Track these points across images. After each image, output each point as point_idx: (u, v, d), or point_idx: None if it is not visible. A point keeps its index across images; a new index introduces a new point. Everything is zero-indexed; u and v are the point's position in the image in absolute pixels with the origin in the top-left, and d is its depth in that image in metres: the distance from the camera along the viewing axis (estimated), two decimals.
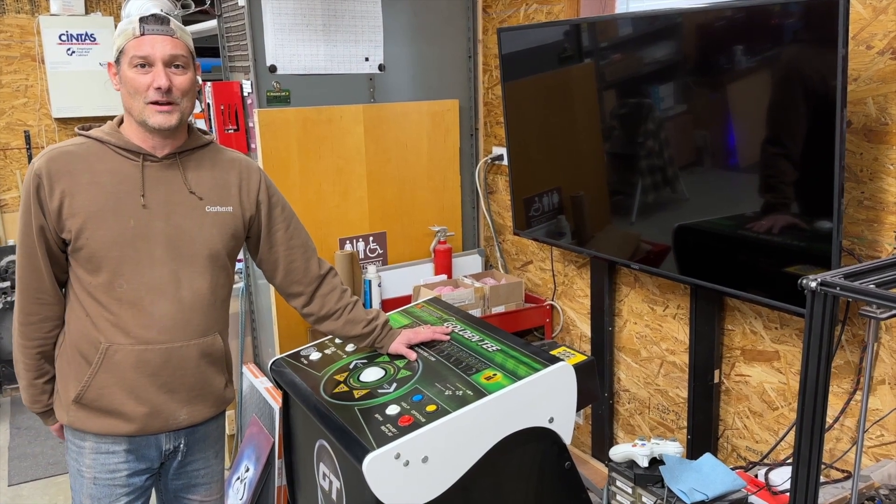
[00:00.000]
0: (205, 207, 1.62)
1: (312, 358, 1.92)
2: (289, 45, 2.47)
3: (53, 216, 1.52)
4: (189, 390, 1.65)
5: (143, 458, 1.66)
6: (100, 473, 1.64)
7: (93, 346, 1.58)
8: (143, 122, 1.54)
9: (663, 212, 2.01)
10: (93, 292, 1.57)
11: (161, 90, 1.51)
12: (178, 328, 1.61)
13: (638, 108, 2.01)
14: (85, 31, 4.11)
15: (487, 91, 2.85)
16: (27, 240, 1.57)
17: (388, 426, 1.52)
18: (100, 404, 1.60)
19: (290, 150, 2.52)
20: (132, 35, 1.53)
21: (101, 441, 1.62)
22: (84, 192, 1.52)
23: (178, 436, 1.69)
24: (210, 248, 1.63)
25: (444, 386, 1.63)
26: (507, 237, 2.88)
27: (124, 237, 1.55)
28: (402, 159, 2.74)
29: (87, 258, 1.55)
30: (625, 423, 2.45)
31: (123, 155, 1.57)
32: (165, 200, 1.58)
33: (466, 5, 2.79)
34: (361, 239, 2.73)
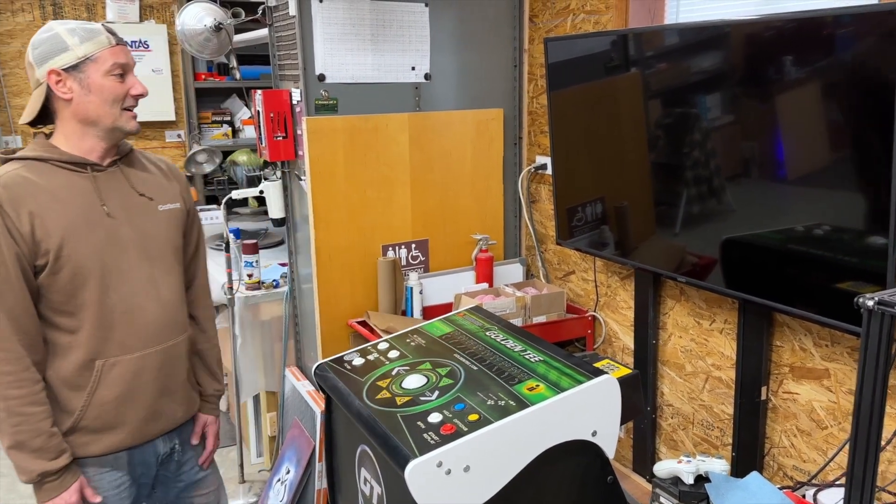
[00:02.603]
0: (157, 207, 1.68)
1: (355, 363, 1.94)
2: (337, 54, 2.50)
3: (27, 241, 1.49)
4: (182, 387, 1.73)
5: (143, 464, 1.70)
6: (108, 492, 1.65)
7: (84, 368, 1.57)
8: (116, 128, 1.58)
9: (710, 224, 1.98)
10: (76, 313, 1.55)
11: (141, 96, 1.59)
12: (167, 328, 1.66)
13: (686, 119, 1.99)
14: (139, 39, 4.23)
15: (532, 100, 2.85)
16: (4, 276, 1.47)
17: (430, 434, 1.53)
18: (99, 423, 1.61)
19: (337, 157, 2.55)
20: (108, 43, 1.56)
21: (103, 461, 1.63)
22: (51, 211, 1.51)
23: (173, 437, 1.75)
24: (172, 244, 1.71)
25: (487, 395, 1.63)
26: (548, 247, 2.87)
27: (101, 248, 1.56)
28: (446, 167, 2.75)
29: (70, 277, 1.53)
30: (667, 438, 2.42)
31: (70, 169, 1.57)
32: (123, 206, 1.62)
33: (513, 14, 2.79)
34: (404, 246, 2.75)
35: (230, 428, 3.52)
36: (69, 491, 1.56)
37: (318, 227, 2.58)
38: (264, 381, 3.04)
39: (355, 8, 2.50)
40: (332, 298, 2.65)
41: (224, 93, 4.67)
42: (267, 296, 2.95)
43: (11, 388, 1.48)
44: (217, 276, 3.15)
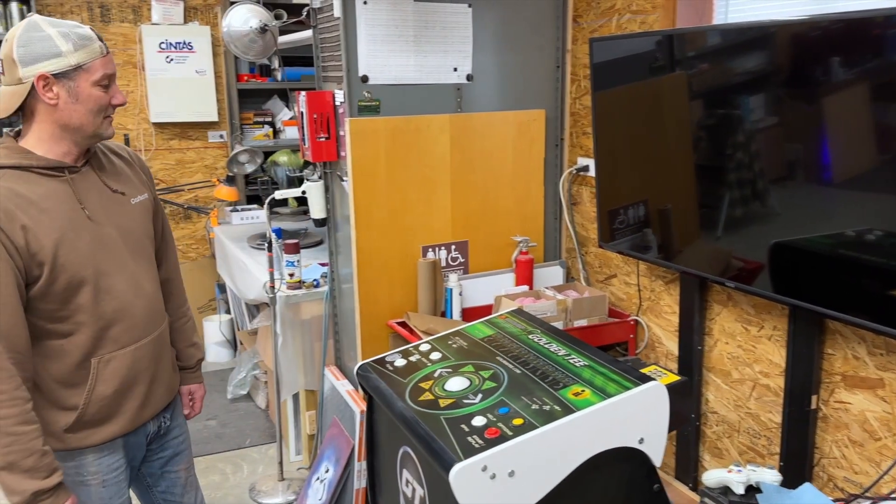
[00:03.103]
0: (130, 201, 1.71)
1: (397, 364, 1.94)
2: (381, 55, 2.51)
3: (24, 255, 1.48)
4: (166, 371, 1.80)
5: (137, 446, 1.78)
6: (107, 475, 1.70)
7: (81, 369, 1.60)
8: (97, 134, 1.59)
9: (758, 227, 1.93)
10: (71, 317, 1.57)
11: (121, 105, 1.61)
12: (154, 318, 1.73)
13: (733, 121, 1.95)
14: (183, 40, 4.30)
15: (575, 101, 2.82)
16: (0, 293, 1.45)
17: (474, 437, 1.52)
18: (101, 416, 1.64)
19: (379, 158, 2.55)
20: (99, 53, 1.54)
21: (101, 448, 1.67)
22: (40, 222, 1.51)
23: (159, 417, 1.82)
24: (148, 236, 1.76)
25: (531, 399, 1.62)
26: (590, 249, 2.84)
27: (89, 252, 1.58)
28: (487, 169, 2.74)
29: (66, 284, 1.54)
30: (711, 445, 2.37)
31: (48, 174, 1.55)
32: (101, 206, 1.63)
33: (556, 15, 2.77)
34: (444, 247, 2.74)
35: (269, 425, 3.55)
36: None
37: (360, 227, 2.58)
38: (304, 380, 3.07)
39: (399, 9, 2.50)
40: (371, 299, 2.66)
41: (265, 94, 4.72)
42: (307, 295, 2.97)
43: (4, 408, 1.46)
44: (259, 274, 3.19)
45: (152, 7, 4.26)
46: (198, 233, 4.65)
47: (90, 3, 4.22)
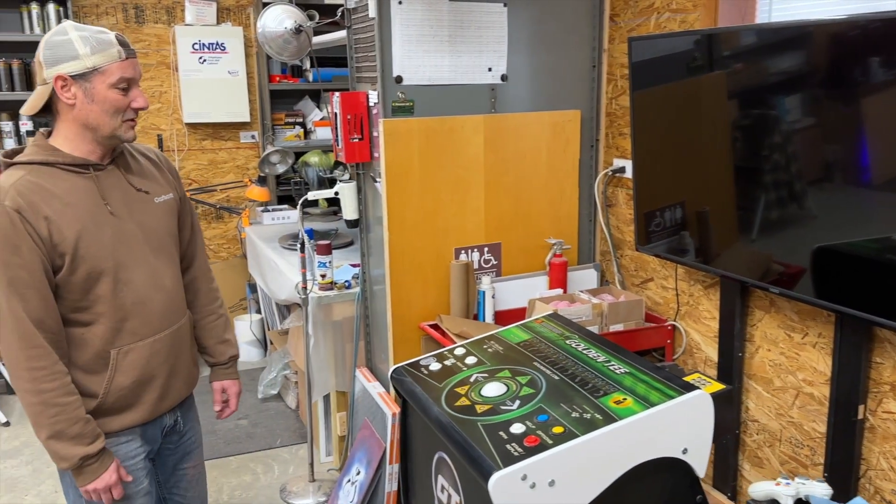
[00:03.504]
0: (154, 200, 1.76)
1: (432, 368, 1.92)
2: (415, 56, 2.49)
3: (47, 245, 1.55)
4: (185, 366, 1.83)
5: (151, 439, 1.80)
6: (125, 462, 1.74)
7: (98, 357, 1.65)
8: (115, 136, 1.64)
9: (802, 231, 1.88)
10: (91, 307, 1.63)
11: (142, 109, 1.64)
12: (172, 313, 1.76)
13: (776, 122, 1.89)
14: (216, 41, 4.32)
15: (611, 101, 2.78)
16: (26, 280, 1.53)
17: (513, 445, 1.49)
18: (120, 405, 1.70)
19: (412, 159, 2.53)
20: (118, 57, 1.60)
21: (119, 434, 1.72)
22: (63, 215, 1.57)
23: (175, 410, 1.86)
24: (170, 234, 1.80)
25: (571, 407, 1.58)
26: (625, 252, 2.79)
27: (110, 246, 1.64)
28: (521, 170, 2.71)
29: (85, 276, 1.60)
30: (751, 454, 2.31)
31: (74, 171, 1.62)
32: (124, 203, 1.69)
33: (593, 14, 2.73)
34: (476, 249, 2.71)
35: (299, 426, 3.56)
36: (109, 471, 1.64)
37: (392, 229, 2.57)
38: (335, 381, 3.06)
39: (434, 9, 2.48)
40: (403, 301, 2.64)
41: (297, 95, 4.73)
42: (339, 296, 2.96)
43: (45, 382, 1.56)
44: (290, 275, 3.18)
45: (186, 8, 4.29)
46: (229, 233, 4.67)
47: (125, 4, 4.26)
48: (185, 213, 1.92)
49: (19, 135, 4.11)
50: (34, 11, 4.01)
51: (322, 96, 4.73)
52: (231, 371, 2.05)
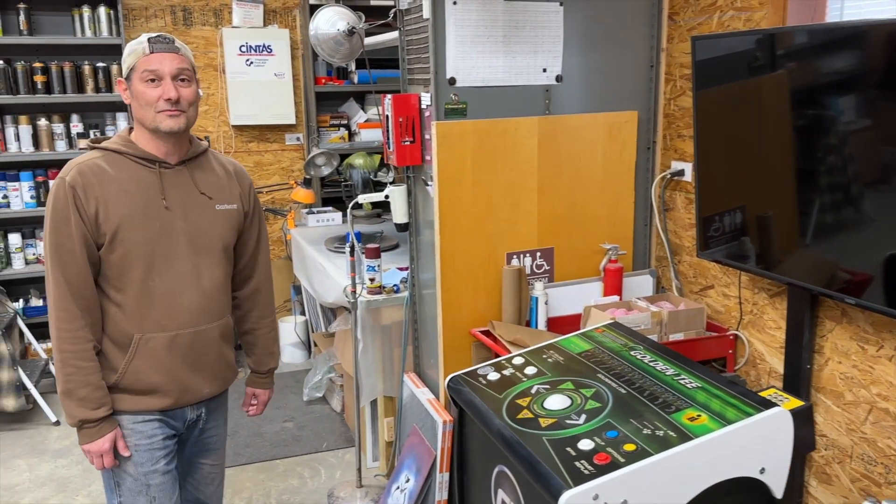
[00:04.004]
0: (215, 206, 1.83)
1: (491, 378, 1.87)
2: (469, 57, 2.44)
3: (91, 222, 1.68)
4: (211, 367, 1.87)
5: (172, 425, 1.87)
6: (139, 441, 1.81)
7: (126, 337, 1.75)
8: (155, 128, 1.72)
9: (876, 237, 1.78)
10: (124, 290, 1.73)
11: (171, 101, 1.69)
12: (202, 314, 1.81)
13: (847, 124, 1.80)
14: (263, 43, 4.33)
15: (669, 102, 2.70)
16: (70, 249, 1.67)
17: (582, 462, 1.43)
18: (136, 387, 1.78)
19: (465, 162, 2.49)
20: (142, 53, 1.70)
21: (136, 413, 1.80)
22: (115, 199, 1.69)
23: (200, 406, 1.92)
24: (223, 241, 1.85)
25: (641, 423, 1.52)
26: (683, 258, 2.71)
27: (153, 236, 1.73)
28: (575, 173, 2.64)
29: (121, 258, 1.71)
30: (819, 471, 2.22)
31: (141, 163, 1.74)
32: (182, 202, 1.78)
33: (651, 13, 2.65)
34: (529, 254, 2.66)
35: (345, 429, 3.54)
36: (104, 439, 1.73)
37: (444, 233, 2.52)
38: (382, 386, 3.03)
39: (489, 9, 2.43)
40: (454, 306, 2.59)
41: (341, 97, 4.72)
42: (388, 300, 2.93)
43: (66, 343, 1.69)
44: (338, 278, 3.16)
45: (233, 10, 4.30)
46: (274, 234, 4.68)
47: (173, 7, 4.30)
48: (252, 228, 2.00)
49: (70, 137, 4.16)
50: (85, 14, 4.06)
51: (367, 98, 4.71)
52: (267, 381, 2.15)
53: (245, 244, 1.98)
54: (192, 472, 2.05)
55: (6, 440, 3.51)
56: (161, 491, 1.86)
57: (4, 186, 4.10)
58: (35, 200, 4.15)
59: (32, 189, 4.13)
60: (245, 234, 1.97)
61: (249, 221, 1.97)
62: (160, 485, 1.85)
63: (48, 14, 4.11)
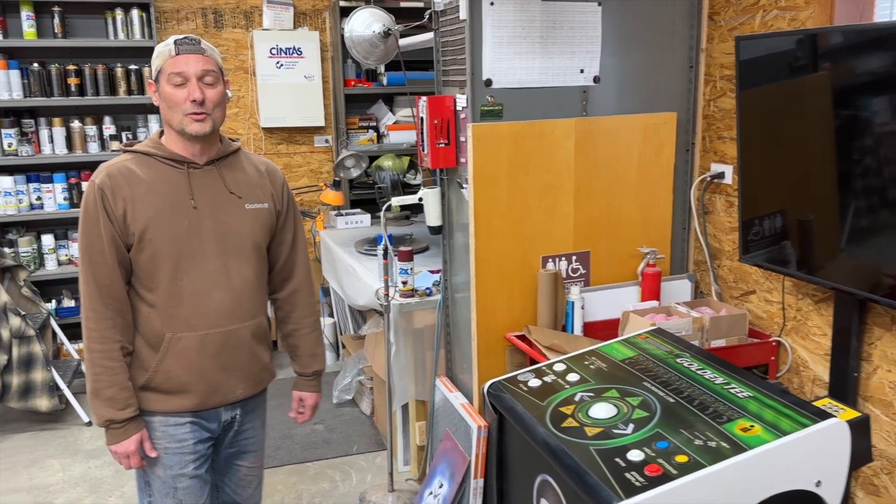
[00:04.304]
0: (244, 205, 1.82)
1: (532, 385, 1.84)
2: (506, 58, 2.41)
3: (119, 223, 1.70)
4: (244, 367, 1.86)
5: (206, 428, 1.86)
6: (169, 444, 1.80)
7: (157, 336, 1.76)
8: (181, 131, 1.73)
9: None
10: (155, 289, 1.74)
11: (196, 102, 1.69)
12: (232, 313, 1.80)
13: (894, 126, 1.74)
14: (293, 45, 4.34)
15: (709, 103, 2.65)
16: (100, 249, 1.70)
17: (633, 474, 1.40)
18: (167, 386, 1.78)
19: (500, 164, 2.46)
20: (168, 55, 1.72)
21: (168, 415, 1.80)
22: (143, 200, 1.71)
23: (235, 407, 1.91)
24: (253, 240, 1.84)
25: (692, 434, 1.48)
26: (723, 263, 2.65)
27: (181, 236, 1.73)
28: (612, 175, 2.60)
29: (149, 258, 1.72)
30: (866, 481, 2.16)
31: (170, 164, 1.76)
32: (211, 201, 1.78)
33: (690, 13, 2.60)
34: (564, 258, 2.62)
35: (375, 432, 3.52)
36: (129, 440, 1.74)
37: (479, 235, 2.49)
38: (414, 390, 3.01)
39: (526, 9, 2.40)
40: (488, 310, 2.56)
41: (370, 99, 4.71)
42: (420, 304, 2.90)
43: (95, 343, 1.70)
44: (369, 280, 3.15)
45: (263, 13, 4.31)
46: None
47: (204, 9, 4.32)
48: (286, 228, 1.98)
49: (102, 139, 4.20)
50: (118, 18, 4.09)
51: (395, 100, 4.70)
52: (313, 384, 2.11)
53: (280, 244, 1.97)
54: (230, 475, 2.04)
55: (40, 440, 3.54)
56: (188, 494, 1.86)
57: (38, 188, 4.15)
58: (68, 202, 4.19)
59: (65, 191, 4.17)
60: (279, 234, 1.96)
61: (283, 221, 1.96)
62: (187, 488, 1.85)
63: (82, 17, 4.15)
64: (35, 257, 4.19)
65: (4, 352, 3.45)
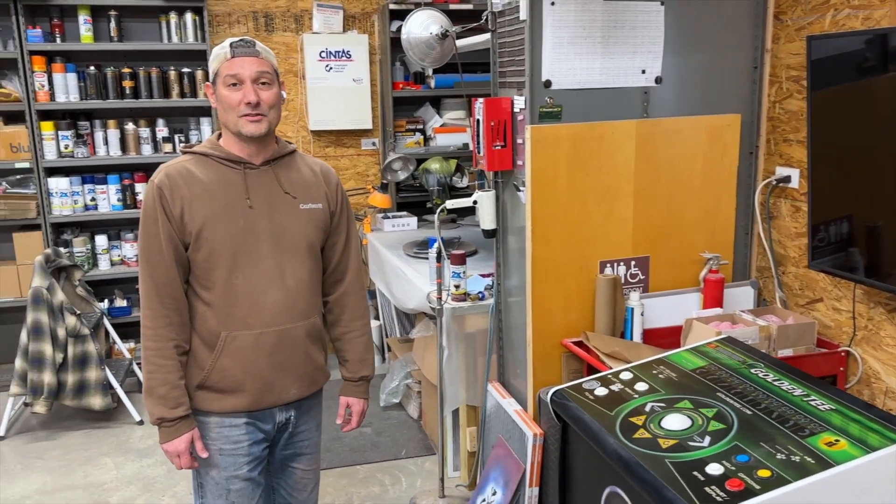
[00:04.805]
0: (299, 205, 1.83)
1: (598, 393, 1.79)
2: (565, 59, 2.37)
3: (177, 222, 1.72)
4: (298, 367, 1.86)
5: (261, 430, 1.86)
6: (224, 445, 1.82)
7: (213, 335, 1.77)
8: (238, 132, 1.75)
9: None
10: (211, 288, 1.75)
11: (251, 104, 1.70)
12: (286, 313, 1.80)
13: None
14: (342, 49, 4.35)
15: (774, 105, 2.57)
16: (158, 248, 1.72)
17: (713, 488, 1.34)
18: (222, 385, 1.79)
19: (559, 166, 2.41)
20: (224, 58, 1.74)
21: (223, 416, 1.81)
22: (200, 200, 1.73)
23: (289, 408, 1.90)
24: (307, 240, 1.84)
25: (773, 448, 1.42)
26: (788, 269, 2.57)
27: (237, 235, 1.75)
28: (673, 178, 2.54)
29: (206, 257, 1.74)
30: None
31: (227, 165, 1.78)
32: (267, 201, 1.79)
33: (756, 12, 2.53)
34: (623, 263, 2.56)
35: (423, 437, 3.50)
36: (180, 439, 1.75)
37: (536, 239, 2.45)
38: (465, 395, 2.97)
39: (587, 9, 2.35)
40: (544, 315, 2.52)
41: (417, 102, 4.70)
42: (472, 308, 2.87)
43: (150, 340, 1.73)
44: (419, 283, 3.13)
45: (313, 16, 4.33)
46: None
47: (255, 13, 4.35)
48: (339, 229, 1.97)
49: (156, 141, 4.26)
50: (172, 21, 4.14)
51: (443, 103, 4.68)
52: (360, 389, 2.08)
53: (334, 245, 1.97)
54: (285, 477, 2.03)
55: (93, 437, 3.60)
56: (241, 496, 1.86)
57: (93, 189, 4.22)
58: (121, 203, 4.26)
59: (119, 192, 4.24)
60: (333, 236, 1.96)
61: (337, 222, 1.96)
62: (240, 490, 1.86)
63: (137, 21, 4.22)
64: (89, 257, 4.26)
65: (60, 350, 3.52)
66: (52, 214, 4.13)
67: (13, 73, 4.04)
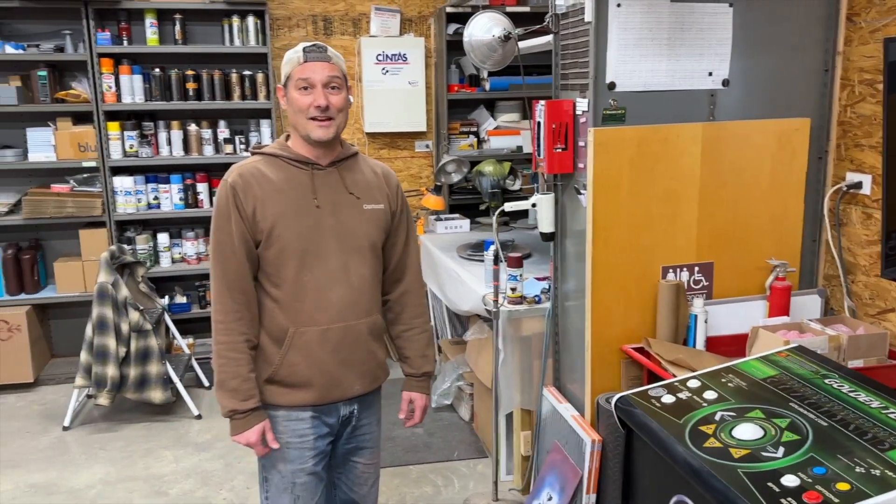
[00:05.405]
0: (362, 205, 1.88)
1: (665, 401, 1.76)
2: (630, 61, 2.34)
3: (249, 220, 1.77)
4: (361, 363, 1.90)
5: (326, 423, 1.90)
6: (291, 438, 1.86)
7: (282, 331, 1.81)
8: (306, 136, 1.80)
9: None
10: (280, 285, 1.79)
11: (320, 108, 1.75)
12: (351, 309, 1.85)
13: None
14: (398, 52, 4.38)
15: (845, 109, 2.49)
16: (230, 245, 1.77)
17: (790, 500, 1.31)
18: (290, 380, 1.83)
19: (622, 170, 2.39)
20: (297, 62, 1.79)
21: (291, 410, 1.85)
22: (271, 199, 1.78)
23: (352, 402, 1.94)
24: (370, 239, 1.89)
25: (851, 461, 1.38)
26: (857, 278, 2.49)
27: (306, 233, 1.80)
28: (739, 183, 2.48)
29: (276, 254, 1.78)
30: None
31: (295, 165, 1.83)
32: (332, 201, 1.84)
33: (827, 14, 2.46)
34: (686, 268, 2.52)
35: (474, 439, 3.49)
36: (252, 430, 1.79)
37: (597, 243, 2.43)
38: (520, 399, 2.96)
39: (654, 11, 2.32)
40: (604, 320, 2.49)
41: (471, 104, 4.71)
42: (529, 311, 2.86)
43: (221, 335, 1.78)
44: (473, 286, 3.13)
45: (371, 20, 4.37)
46: None
47: (314, 16, 4.42)
48: (399, 229, 2.02)
49: (217, 142, 4.35)
50: (234, 24, 4.24)
51: (497, 105, 4.67)
52: (422, 385, 2.12)
53: (394, 245, 2.01)
54: (346, 472, 2.07)
55: (153, 430, 3.69)
56: (305, 490, 1.90)
57: (156, 188, 4.34)
58: (183, 202, 4.36)
59: (181, 191, 4.35)
60: (393, 236, 2.00)
61: (397, 222, 2.01)
62: (305, 484, 1.89)
63: (201, 24, 4.32)
64: (151, 255, 4.38)
65: (123, 344, 3.62)
66: (117, 212, 4.26)
67: (83, 74, 4.18)
